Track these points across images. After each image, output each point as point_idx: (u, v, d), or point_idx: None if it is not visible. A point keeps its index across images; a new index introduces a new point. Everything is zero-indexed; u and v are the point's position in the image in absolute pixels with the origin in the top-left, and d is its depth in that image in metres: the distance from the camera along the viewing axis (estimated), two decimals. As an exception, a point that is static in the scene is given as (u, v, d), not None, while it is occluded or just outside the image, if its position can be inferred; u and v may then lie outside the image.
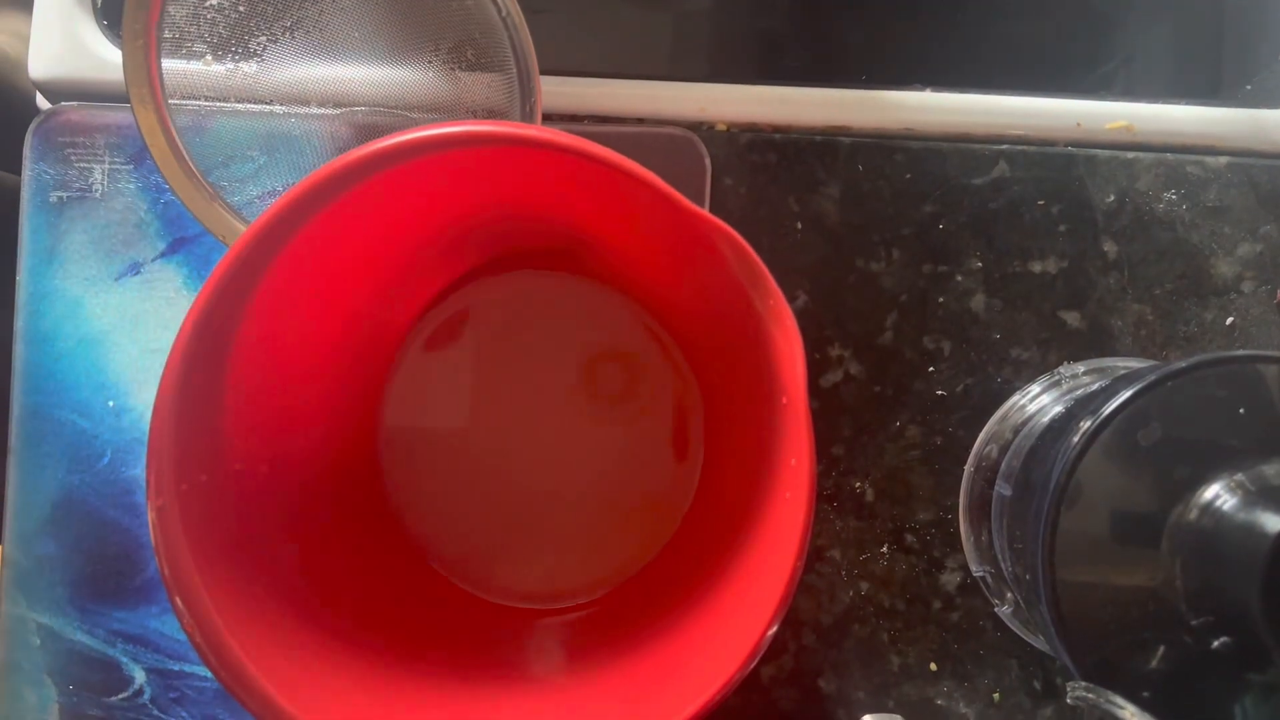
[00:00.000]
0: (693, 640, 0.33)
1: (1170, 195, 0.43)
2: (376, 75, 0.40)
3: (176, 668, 0.43)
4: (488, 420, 0.42)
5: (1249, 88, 0.46)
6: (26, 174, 0.43)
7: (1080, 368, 0.42)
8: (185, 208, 0.39)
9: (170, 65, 0.38)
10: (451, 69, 0.40)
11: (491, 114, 0.40)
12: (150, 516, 0.28)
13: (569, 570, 0.42)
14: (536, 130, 0.29)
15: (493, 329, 0.42)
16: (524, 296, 0.42)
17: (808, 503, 0.29)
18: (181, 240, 0.44)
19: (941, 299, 0.43)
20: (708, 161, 0.43)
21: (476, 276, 0.42)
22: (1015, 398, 0.42)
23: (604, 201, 0.34)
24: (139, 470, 0.43)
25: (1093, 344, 0.43)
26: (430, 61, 0.40)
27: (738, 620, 0.30)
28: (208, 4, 0.38)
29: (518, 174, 0.33)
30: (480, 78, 0.40)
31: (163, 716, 0.43)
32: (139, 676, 0.43)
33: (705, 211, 0.29)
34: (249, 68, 0.40)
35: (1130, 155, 0.43)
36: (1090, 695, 0.29)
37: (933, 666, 0.42)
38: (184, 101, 0.39)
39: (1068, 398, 0.39)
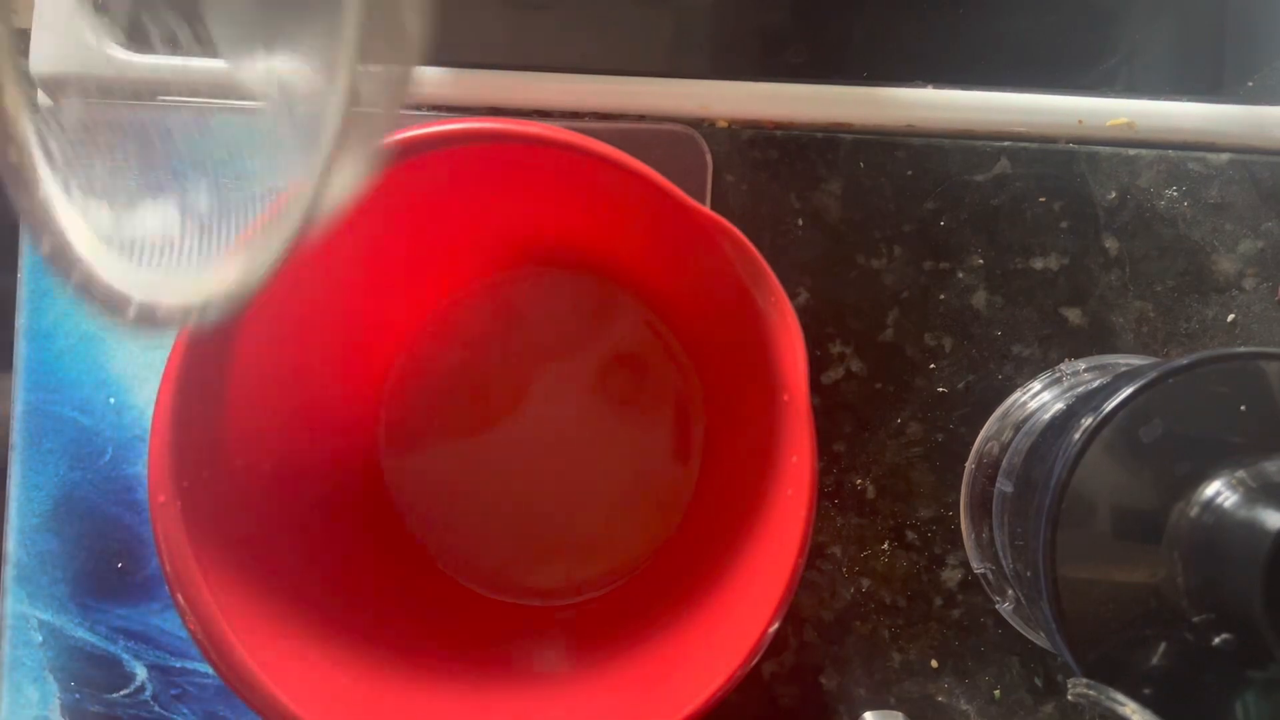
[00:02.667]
0: (694, 636, 0.33)
1: (1172, 192, 0.43)
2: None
3: (178, 664, 0.43)
4: (490, 418, 0.42)
5: (1251, 84, 0.45)
6: (27, 171, 0.43)
7: (1081, 364, 0.42)
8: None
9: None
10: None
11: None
12: (152, 513, 0.28)
13: (572, 567, 0.42)
14: (537, 127, 0.29)
15: (494, 327, 0.42)
16: (525, 294, 0.42)
17: (809, 499, 0.29)
18: (183, 237, 0.43)
19: (943, 296, 0.43)
20: (709, 158, 0.43)
21: (477, 275, 0.42)
22: (1016, 395, 0.42)
23: (605, 198, 0.34)
24: (140, 467, 0.43)
25: (1094, 341, 0.43)
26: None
27: (739, 616, 0.30)
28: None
29: (517, 171, 0.33)
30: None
31: (164, 713, 0.43)
32: (140, 673, 0.43)
33: (706, 208, 0.29)
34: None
35: (1132, 152, 0.43)
36: (1091, 692, 0.29)
37: (934, 663, 0.42)
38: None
39: (1069, 395, 0.39)
